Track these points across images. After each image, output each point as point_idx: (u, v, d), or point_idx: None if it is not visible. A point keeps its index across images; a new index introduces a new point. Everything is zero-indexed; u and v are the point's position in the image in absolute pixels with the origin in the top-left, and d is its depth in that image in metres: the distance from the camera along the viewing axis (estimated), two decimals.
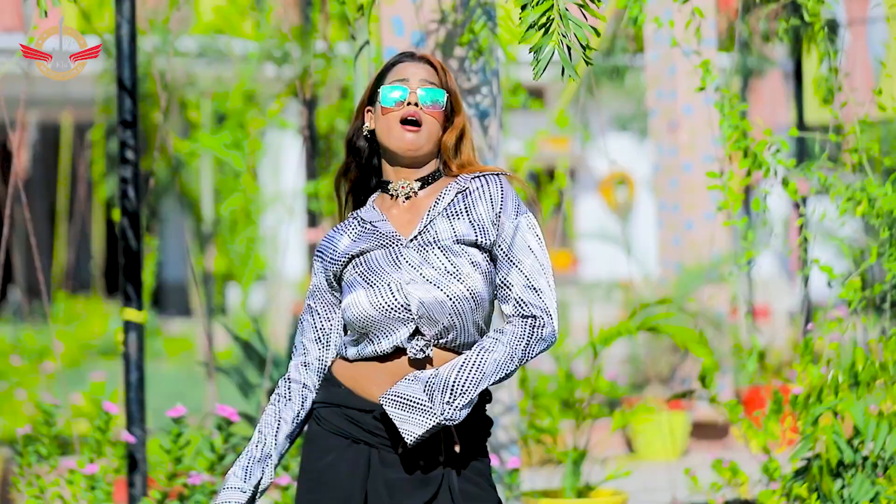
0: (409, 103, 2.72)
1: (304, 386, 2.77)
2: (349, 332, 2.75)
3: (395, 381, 2.65)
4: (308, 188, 9.20)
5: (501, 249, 2.71)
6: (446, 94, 2.76)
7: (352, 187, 2.85)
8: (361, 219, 2.78)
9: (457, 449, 2.67)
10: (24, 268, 14.12)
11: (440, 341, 2.66)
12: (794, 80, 8.10)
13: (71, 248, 14.74)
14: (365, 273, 2.69)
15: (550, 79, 3.15)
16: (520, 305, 2.68)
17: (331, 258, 2.77)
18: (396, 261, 2.69)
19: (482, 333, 2.71)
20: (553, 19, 2.80)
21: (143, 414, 4.65)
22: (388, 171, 2.78)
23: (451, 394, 2.59)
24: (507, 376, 2.67)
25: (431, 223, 2.72)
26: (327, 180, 9.08)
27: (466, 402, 2.60)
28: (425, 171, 2.77)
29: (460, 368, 2.61)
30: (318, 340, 2.78)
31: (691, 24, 4.44)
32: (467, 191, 2.74)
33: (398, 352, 2.67)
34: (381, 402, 2.60)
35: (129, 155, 4.64)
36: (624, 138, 17.46)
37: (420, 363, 2.66)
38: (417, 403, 2.58)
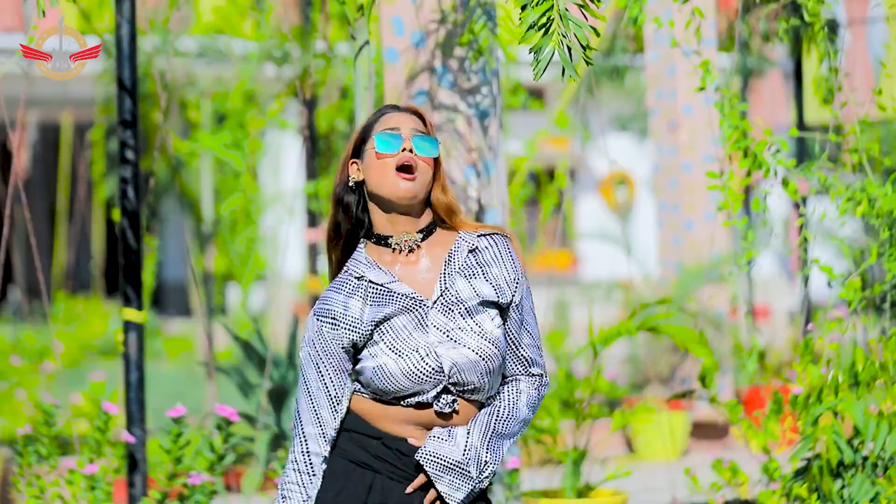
0: (404, 149, 2.70)
1: (325, 459, 2.76)
2: (371, 388, 2.72)
3: (410, 424, 2.68)
4: (308, 188, 9.20)
5: (515, 310, 2.75)
6: (438, 143, 2.75)
7: (344, 245, 2.81)
8: (368, 280, 2.73)
9: None
10: (24, 268, 14.13)
11: (466, 395, 2.70)
12: (794, 80, 8.10)
13: (71, 248, 14.75)
14: (392, 342, 2.67)
15: (550, 79, 3.15)
16: (528, 364, 2.77)
17: (351, 326, 2.71)
18: (423, 325, 2.68)
19: (500, 381, 2.77)
20: (553, 20, 2.80)
21: (143, 414, 4.65)
22: (382, 222, 2.74)
23: (484, 464, 2.69)
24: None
25: (451, 282, 2.71)
26: (327, 180, 9.08)
27: (496, 468, 2.72)
28: (423, 221, 2.75)
29: (491, 436, 2.70)
30: (332, 409, 2.74)
31: (691, 24, 4.44)
32: (477, 250, 2.75)
33: (423, 405, 2.70)
34: (421, 460, 2.64)
35: (129, 155, 4.65)
36: (624, 138, 17.47)
37: (446, 416, 2.69)
38: (459, 468, 2.66)
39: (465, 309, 2.69)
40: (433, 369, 2.65)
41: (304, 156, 9.25)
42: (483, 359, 2.67)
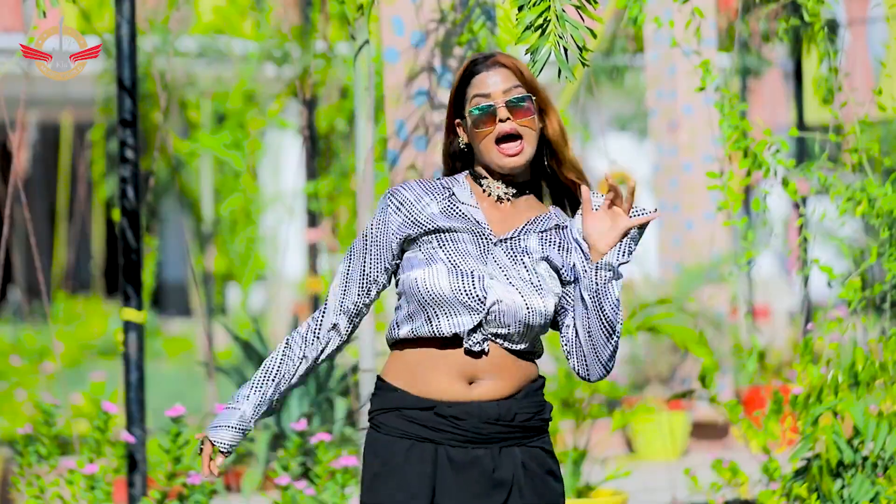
0: (500, 119, 2.65)
1: (335, 326, 2.71)
2: (404, 307, 2.66)
3: (454, 376, 2.61)
4: (308, 188, 9.19)
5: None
6: (532, 98, 2.68)
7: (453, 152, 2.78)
8: (453, 194, 2.70)
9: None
10: (23, 268, 14.12)
11: (499, 340, 2.62)
12: (794, 80, 8.11)
13: (71, 248, 14.74)
14: (451, 254, 2.63)
15: (549, 79, 3.15)
16: None
17: (416, 218, 2.66)
18: (484, 254, 2.64)
19: (534, 348, 2.68)
20: (550, 20, 2.80)
21: (143, 414, 4.65)
22: (485, 171, 2.72)
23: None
24: (613, 330, 2.66)
25: (525, 235, 2.68)
26: (327, 180, 9.08)
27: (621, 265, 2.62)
28: (522, 177, 2.71)
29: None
30: (362, 287, 2.69)
31: (691, 24, 4.43)
32: (568, 229, 2.71)
33: (455, 340, 2.61)
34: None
35: (129, 154, 4.65)
36: (624, 138, 17.46)
37: (475, 355, 2.61)
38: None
39: (530, 260, 2.65)
40: (477, 297, 2.59)
41: (304, 156, 9.25)
42: (528, 309, 2.60)
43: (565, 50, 2.79)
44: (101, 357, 12.10)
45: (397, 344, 2.68)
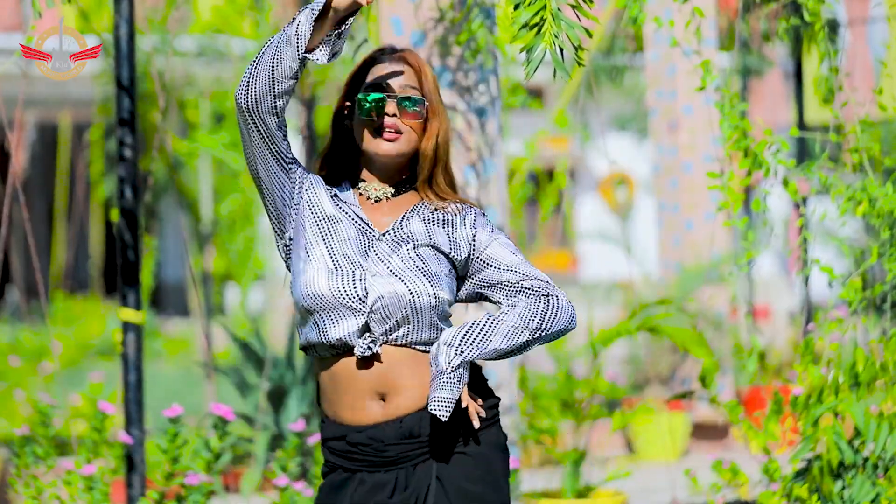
0: (387, 113, 2.66)
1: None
2: (297, 311, 2.67)
3: (363, 394, 2.58)
4: None
5: (482, 260, 2.69)
6: (425, 103, 2.69)
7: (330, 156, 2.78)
8: (336, 195, 2.70)
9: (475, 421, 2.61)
10: (22, 268, 14.11)
11: (391, 337, 2.59)
12: (794, 80, 8.09)
13: (69, 248, 14.73)
14: (332, 246, 2.62)
15: (549, 79, 3.14)
16: (527, 290, 2.65)
17: (313, 184, 2.69)
18: (366, 250, 2.64)
19: (440, 332, 2.62)
20: (545, 19, 2.79)
21: (142, 414, 4.64)
22: (363, 168, 2.73)
23: (455, 351, 2.55)
24: (521, 349, 2.61)
25: (406, 222, 2.68)
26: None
27: (470, 358, 2.56)
28: (397, 177, 2.72)
29: (467, 331, 2.57)
30: (279, 141, 2.67)
31: (691, 23, 4.42)
32: (446, 210, 2.72)
33: (344, 354, 2.59)
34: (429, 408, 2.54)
35: (127, 154, 4.63)
36: (624, 138, 17.46)
37: (368, 361, 2.58)
38: (431, 380, 2.55)
39: (413, 246, 2.64)
40: (358, 296, 2.57)
41: (303, 155, 9.24)
42: (412, 293, 2.57)
43: (561, 49, 2.78)
44: (99, 357, 12.08)
45: (306, 353, 2.69)
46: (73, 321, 13.66)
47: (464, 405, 2.57)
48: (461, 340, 2.56)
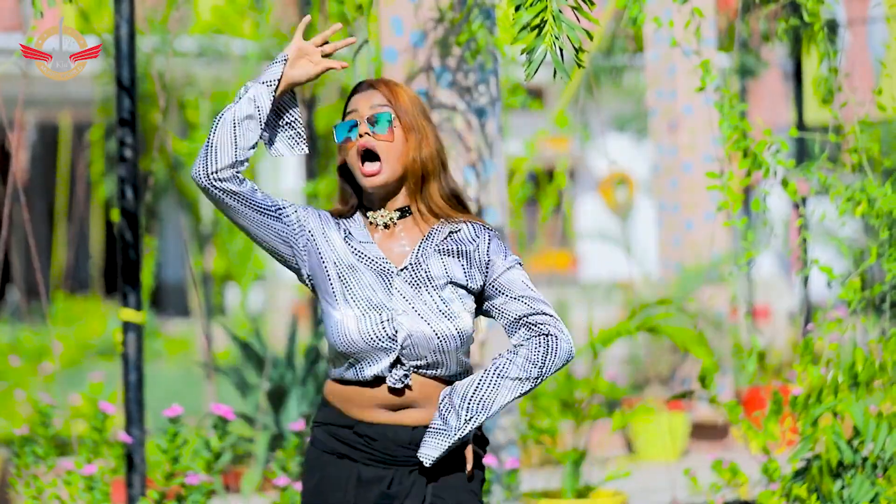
0: (360, 135, 2.72)
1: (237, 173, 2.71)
2: (330, 351, 2.76)
3: (379, 406, 2.70)
4: (308, 188, 9.18)
5: (494, 287, 2.74)
6: (394, 116, 2.72)
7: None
8: (349, 233, 2.76)
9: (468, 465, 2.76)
10: (22, 268, 14.11)
11: (420, 371, 2.70)
12: (794, 80, 8.09)
13: (70, 248, 14.73)
14: (354, 296, 2.70)
15: (549, 79, 3.16)
16: (531, 327, 2.72)
17: (324, 231, 2.74)
18: (388, 289, 2.70)
19: (463, 366, 2.75)
20: (546, 21, 2.80)
21: (142, 414, 4.64)
22: (366, 197, 2.79)
23: (465, 415, 2.66)
24: (522, 396, 2.73)
25: (423, 257, 2.72)
26: (327, 180, 9.07)
27: (478, 423, 2.68)
28: (400, 200, 2.76)
29: (474, 391, 2.68)
30: (260, 201, 2.71)
31: (691, 24, 4.43)
32: (459, 234, 2.76)
33: (378, 379, 2.70)
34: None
35: (128, 154, 4.64)
36: (623, 138, 17.46)
37: (399, 391, 2.70)
38: (433, 428, 2.67)
39: (434, 287, 2.70)
40: (388, 336, 2.66)
41: (303, 156, 9.24)
42: (438, 337, 2.67)
43: (561, 50, 2.79)
44: (99, 357, 12.08)
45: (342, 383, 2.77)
46: (74, 321, 13.65)
47: (468, 465, 2.75)
48: (470, 401, 2.68)
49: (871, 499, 4.00)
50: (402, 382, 2.68)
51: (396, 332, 2.66)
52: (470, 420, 2.66)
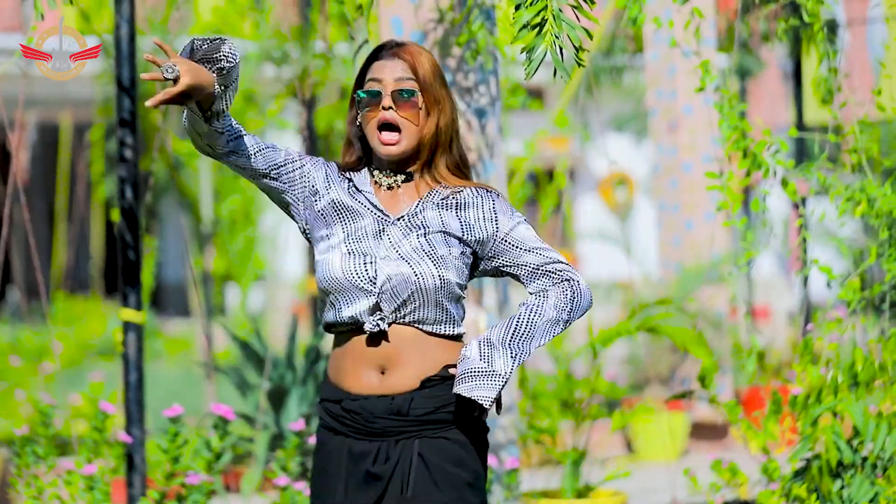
0: (383, 107, 2.75)
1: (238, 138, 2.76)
2: (320, 295, 2.82)
3: (365, 364, 2.73)
4: None
5: (506, 242, 2.78)
6: (419, 93, 2.76)
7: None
8: (354, 186, 2.82)
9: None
10: (23, 268, 14.10)
11: (399, 315, 2.72)
12: (793, 80, 8.09)
13: (70, 248, 14.73)
14: (349, 233, 2.75)
15: (549, 79, 3.17)
16: (550, 275, 2.78)
17: (331, 181, 2.81)
18: (379, 234, 2.75)
19: (447, 313, 2.76)
20: (546, 20, 2.81)
21: (143, 414, 4.64)
22: (375, 158, 2.84)
23: (510, 352, 2.70)
24: (551, 339, 2.78)
25: (421, 209, 2.78)
26: None
27: (521, 362, 2.71)
28: (408, 166, 2.81)
29: (513, 331, 2.72)
30: (265, 154, 2.78)
31: (691, 24, 4.43)
32: (461, 194, 2.80)
33: (357, 331, 2.73)
34: (455, 390, 2.69)
35: (128, 154, 4.64)
36: (623, 138, 17.46)
37: (376, 338, 2.72)
38: (479, 371, 2.68)
39: (425, 233, 2.75)
40: (369, 278, 2.71)
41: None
42: (416, 275, 2.70)
43: (561, 49, 2.79)
44: (100, 357, 12.09)
45: (327, 332, 2.85)
46: (74, 321, 13.66)
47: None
48: (511, 340, 2.72)
49: (871, 499, 4.01)
50: (379, 327, 2.70)
51: (377, 274, 2.71)
52: (516, 357, 2.70)
